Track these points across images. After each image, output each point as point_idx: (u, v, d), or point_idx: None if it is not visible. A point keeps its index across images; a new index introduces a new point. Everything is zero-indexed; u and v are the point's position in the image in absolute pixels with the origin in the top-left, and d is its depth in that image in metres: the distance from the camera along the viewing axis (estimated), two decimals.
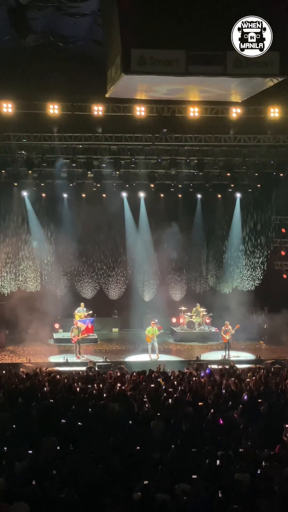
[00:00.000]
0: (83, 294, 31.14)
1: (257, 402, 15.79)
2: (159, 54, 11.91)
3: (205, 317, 29.53)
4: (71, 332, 25.96)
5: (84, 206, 29.89)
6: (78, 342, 25.62)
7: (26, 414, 14.78)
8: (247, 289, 31.67)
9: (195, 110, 22.66)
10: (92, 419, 14.47)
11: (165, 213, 30.77)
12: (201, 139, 25.85)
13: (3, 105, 21.99)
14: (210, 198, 30.84)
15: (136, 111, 22.52)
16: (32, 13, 16.27)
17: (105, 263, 31.43)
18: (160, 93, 14.50)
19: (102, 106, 22.50)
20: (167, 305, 30.50)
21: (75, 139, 25.19)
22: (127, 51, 11.80)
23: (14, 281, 30.40)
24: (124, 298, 31.52)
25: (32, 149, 25.63)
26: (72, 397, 16.07)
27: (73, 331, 25.79)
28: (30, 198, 29.23)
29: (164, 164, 27.12)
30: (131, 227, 30.88)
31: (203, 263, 32.39)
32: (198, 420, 14.50)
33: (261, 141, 26.01)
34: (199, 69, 12.16)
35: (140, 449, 12.24)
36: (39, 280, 30.84)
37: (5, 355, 25.99)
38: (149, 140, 25.59)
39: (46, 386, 17.40)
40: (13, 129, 24.34)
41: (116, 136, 25.26)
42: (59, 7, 15.97)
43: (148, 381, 18.20)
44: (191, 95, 15.81)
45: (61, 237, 30.10)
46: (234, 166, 27.25)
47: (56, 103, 22.31)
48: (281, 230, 31.22)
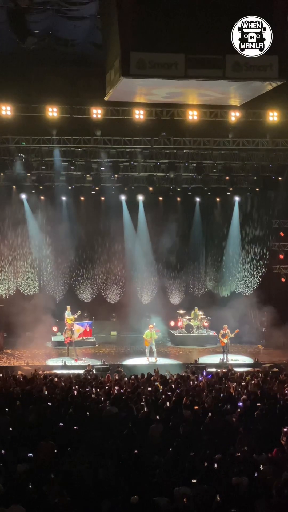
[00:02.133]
0: (81, 297, 31.11)
1: (255, 405, 15.77)
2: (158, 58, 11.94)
3: (203, 321, 29.48)
4: (64, 333, 26.23)
5: (83, 209, 29.88)
6: (72, 344, 25.65)
7: (24, 417, 14.75)
8: (246, 293, 31.66)
9: (194, 113, 22.65)
10: (89, 422, 14.44)
11: (163, 216, 30.77)
12: (200, 142, 25.87)
13: (2, 108, 21.96)
14: (209, 201, 30.82)
15: (135, 114, 22.52)
16: (32, 16, 16.31)
17: (104, 266, 31.40)
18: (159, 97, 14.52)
19: (101, 109, 22.50)
20: (165, 308, 30.49)
21: (74, 142, 25.19)
22: (126, 54, 11.82)
23: (13, 284, 30.37)
24: (123, 301, 31.46)
25: (31, 152, 25.63)
26: (69, 400, 16.05)
27: (66, 332, 26.08)
28: (28, 201, 29.20)
29: (163, 168, 27.10)
30: (130, 230, 30.84)
31: (201, 266, 32.36)
32: (196, 423, 14.48)
33: (260, 144, 26.03)
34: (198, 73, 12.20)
35: (138, 452, 12.21)
36: (38, 283, 30.81)
37: (3, 358, 25.93)
38: (148, 144, 25.59)
39: (44, 389, 17.36)
40: (12, 132, 24.32)
41: (115, 139, 25.26)
42: (59, 10, 16.02)
43: (146, 384, 18.18)
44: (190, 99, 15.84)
45: (60, 240, 30.08)
46: (233, 170, 27.26)
47: (55, 106, 22.30)
48: (279, 233, 31.21)
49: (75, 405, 15.45)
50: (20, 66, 19.18)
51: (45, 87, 20.71)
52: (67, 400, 16.12)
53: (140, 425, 14.27)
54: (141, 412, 15.10)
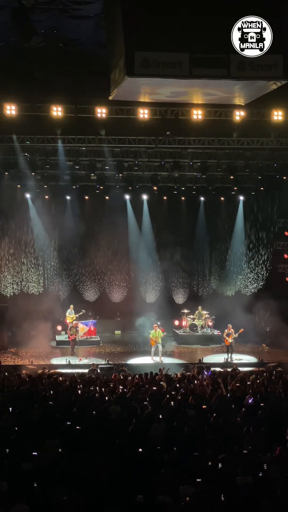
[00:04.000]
0: (85, 296, 31.15)
1: (259, 405, 15.76)
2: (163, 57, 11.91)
3: (207, 320, 29.49)
4: (69, 330, 26.34)
5: (87, 208, 29.92)
6: (75, 341, 25.67)
7: (28, 416, 14.76)
8: (250, 292, 31.65)
9: (199, 112, 22.62)
10: (94, 421, 14.45)
11: (168, 215, 30.80)
12: (205, 141, 25.85)
13: (6, 107, 21.98)
14: (213, 201, 30.84)
15: (140, 113, 22.50)
16: (36, 15, 16.28)
17: (108, 265, 31.43)
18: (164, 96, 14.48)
19: (106, 109, 22.49)
20: (169, 307, 30.51)
21: (79, 141, 25.22)
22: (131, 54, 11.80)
23: (17, 283, 30.42)
24: (127, 300, 31.50)
25: (36, 151, 25.66)
26: (74, 400, 16.06)
27: (71, 329, 26.23)
28: (33, 200, 29.25)
29: (167, 167, 27.11)
30: (134, 230, 30.88)
31: (206, 266, 32.38)
32: (200, 423, 14.47)
33: (264, 144, 25.99)
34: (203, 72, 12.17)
35: (142, 451, 12.21)
36: (42, 282, 30.87)
37: (8, 357, 25.97)
38: (152, 143, 25.58)
39: (48, 388, 17.38)
40: (16, 131, 24.34)
41: (120, 139, 25.27)
42: (63, 10, 15.98)
43: (151, 383, 18.18)
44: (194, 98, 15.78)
45: (64, 239, 30.14)
46: (238, 169, 27.25)
47: (60, 105, 22.30)
48: (284, 233, 31.20)
49: (79, 404, 15.46)
50: (24, 66, 19.16)
51: (50, 87, 20.69)
52: (72, 399, 16.13)
53: (144, 424, 14.27)
54: (145, 412, 15.10)
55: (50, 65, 19.23)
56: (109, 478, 10.74)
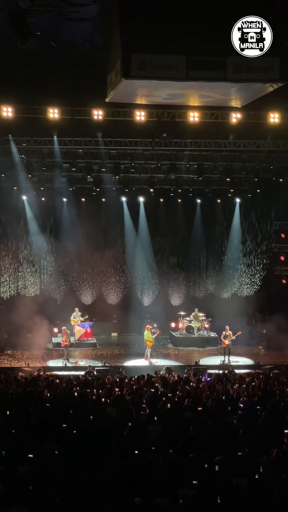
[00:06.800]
0: (82, 298, 31.12)
1: (256, 407, 15.76)
2: (160, 59, 11.90)
3: (204, 322, 29.50)
4: (62, 335, 26.10)
5: (84, 211, 29.90)
6: (66, 347, 25.65)
7: (25, 418, 14.74)
8: (247, 294, 31.66)
9: (195, 115, 22.66)
10: (90, 423, 14.43)
11: (164, 217, 30.79)
12: (201, 144, 25.87)
13: (3, 109, 22.01)
14: (210, 203, 30.84)
15: (136, 115, 22.53)
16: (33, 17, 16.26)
17: (104, 267, 31.40)
18: (160, 98, 14.49)
19: (102, 111, 22.51)
20: (166, 310, 30.50)
21: (75, 144, 25.22)
22: (128, 56, 11.79)
23: (14, 286, 30.38)
24: (123, 302, 31.48)
25: (32, 153, 25.65)
26: (70, 402, 16.04)
27: (64, 335, 25.95)
28: (29, 202, 29.22)
29: (164, 169, 27.14)
30: (131, 232, 30.86)
31: (202, 268, 32.36)
32: (196, 425, 14.46)
33: (260, 146, 26.04)
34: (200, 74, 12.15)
35: (139, 453, 12.19)
36: (38, 284, 30.83)
37: (4, 359, 25.95)
38: (148, 145, 25.59)
39: (45, 390, 17.36)
40: (13, 133, 24.33)
41: (116, 141, 25.29)
42: (60, 12, 15.98)
43: (147, 386, 18.17)
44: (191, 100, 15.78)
45: (61, 242, 30.11)
46: (234, 171, 27.27)
47: (56, 108, 22.33)
48: (280, 235, 31.23)
49: (75, 407, 15.44)
50: (21, 68, 19.16)
51: (46, 89, 20.69)
52: (68, 401, 16.11)
53: (140, 427, 14.26)
54: (142, 414, 15.09)
55: (46, 67, 19.22)
56: (106, 481, 10.72)
